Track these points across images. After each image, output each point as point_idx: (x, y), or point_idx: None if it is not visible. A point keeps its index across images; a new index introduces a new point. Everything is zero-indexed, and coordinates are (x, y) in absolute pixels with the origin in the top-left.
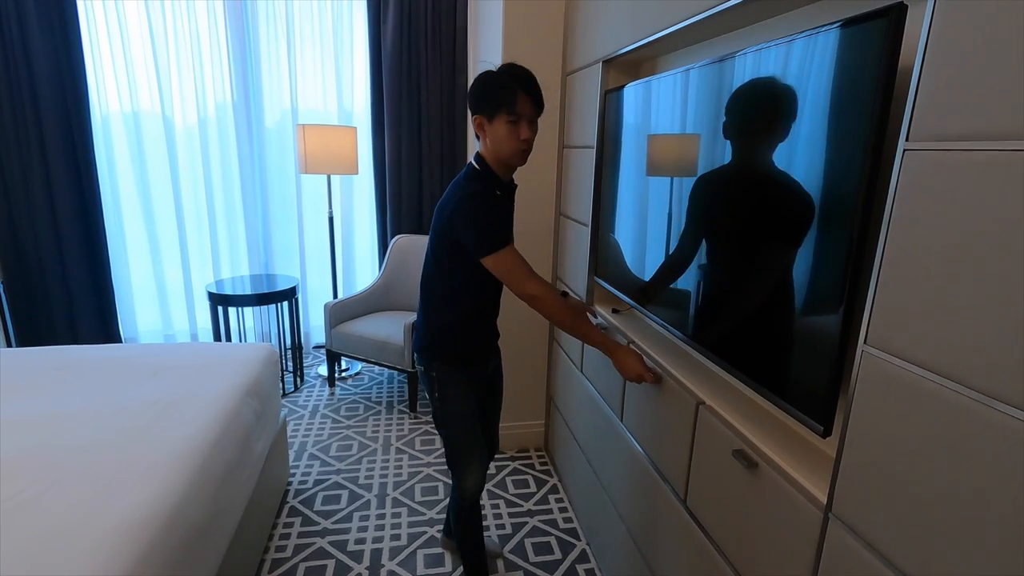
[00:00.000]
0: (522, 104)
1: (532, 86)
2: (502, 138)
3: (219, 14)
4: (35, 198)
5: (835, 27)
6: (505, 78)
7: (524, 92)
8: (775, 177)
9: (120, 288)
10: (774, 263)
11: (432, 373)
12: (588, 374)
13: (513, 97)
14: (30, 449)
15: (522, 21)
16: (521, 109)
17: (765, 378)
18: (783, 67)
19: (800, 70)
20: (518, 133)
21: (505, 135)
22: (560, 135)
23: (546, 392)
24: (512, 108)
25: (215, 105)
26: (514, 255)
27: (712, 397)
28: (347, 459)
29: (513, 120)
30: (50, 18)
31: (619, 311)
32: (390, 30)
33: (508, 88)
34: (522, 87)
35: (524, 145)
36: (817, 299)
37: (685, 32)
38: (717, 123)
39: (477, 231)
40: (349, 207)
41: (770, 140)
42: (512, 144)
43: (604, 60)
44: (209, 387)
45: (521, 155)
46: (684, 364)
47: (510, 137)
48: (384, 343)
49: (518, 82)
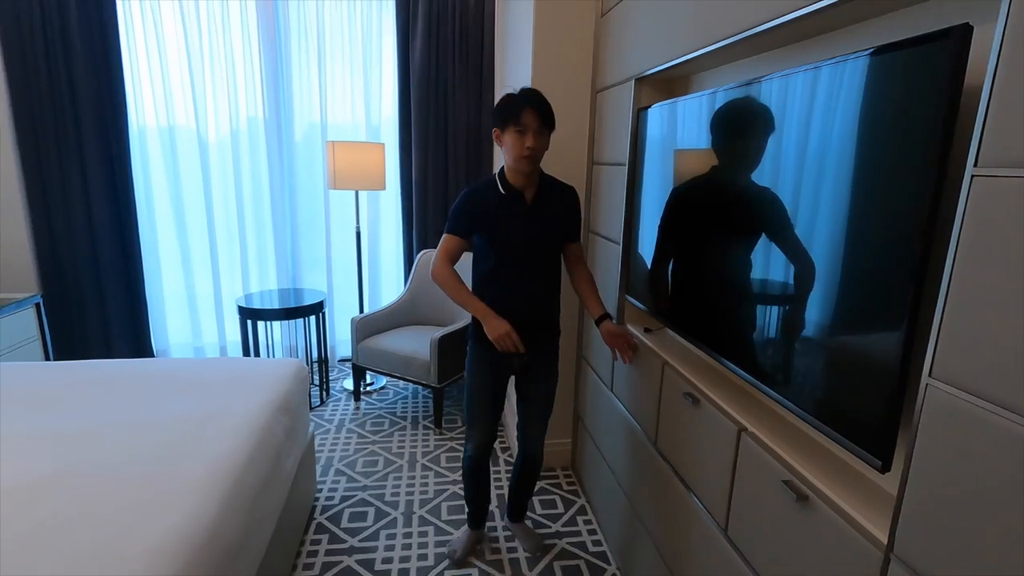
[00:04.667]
0: (527, 117)
1: (539, 103)
2: (511, 145)
3: (252, 32)
4: (74, 212)
5: (894, 49)
6: (517, 96)
7: (530, 107)
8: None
9: (152, 300)
10: (826, 287)
11: (468, 345)
12: (619, 393)
13: (520, 111)
14: (65, 468)
15: (552, 39)
16: (526, 121)
17: (817, 408)
18: (837, 88)
19: (855, 92)
20: (523, 142)
21: (512, 143)
22: (590, 152)
23: (573, 410)
24: (519, 120)
25: (247, 119)
26: (445, 241)
27: (755, 424)
28: (373, 475)
29: (520, 130)
30: (92, 36)
31: (651, 330)
32: (418, 46)
33: (517, 104)
34: (529, 104)
35: (528, 152)
36: (875, 327)
37: (723, 50)
38: (763, 143)
39: (450, 215)
40: (376, 221)
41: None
42: (518, 150)
43: (637, 78)
44: (240, 404)
45: (526, 160)
46: (723, 388)
47: (516, 145)
48: (410, 358)
49: (526, 99)
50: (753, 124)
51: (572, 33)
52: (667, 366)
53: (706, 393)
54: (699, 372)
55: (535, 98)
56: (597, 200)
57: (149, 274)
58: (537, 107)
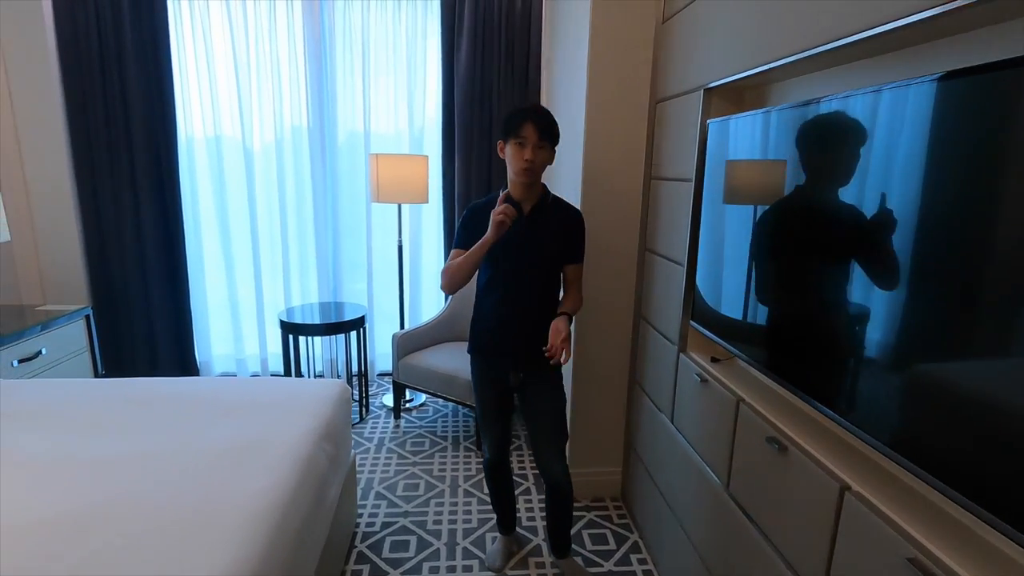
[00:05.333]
0: (527, 130)
1: (540, 117)
2: (511, 157)
3: (298, 43)
4: (124, 224)
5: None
6: (518, 111)
7: (531, 121)
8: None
9: (196, 311)
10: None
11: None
12: (681, 425)
13: (521, 124)
14: (105, 499)
15: (608, 48)
16: (526, 133)
17: (960, 480)
18: (965, 104)
19: (987, 108)
20: (523, 154)
21: (512, 154)
22: (647, 166)
23: (624, 437)
24: (519, 132)
25: (291, 128)
26: (452, 255)
27: (863, 482)
28: (414, 500)
29: (520, 143)
30: (145, 51)
31: (719, 360)
32: (463, 58)
33: (518, 117)
34: (530, 117)
35: (527, 164)
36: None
37: (810, 60)
38: (868, 159)
39: (456, 232)
40: (417, 234)
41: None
42: (516, 162)
43: (706, 88)
44: (284, 430)
45: (524, 172)
46: (817, 435)
47: (516, 157)
48: (452, 377)
49: (527, 113)
50: (858, 140)
51: (630, 41)
52: (743, 404)
53: (796, 441)
54: (785, 414)
55: (537, 112)
56: (655, 217)
57: (193, 285)
58: (538, 120)
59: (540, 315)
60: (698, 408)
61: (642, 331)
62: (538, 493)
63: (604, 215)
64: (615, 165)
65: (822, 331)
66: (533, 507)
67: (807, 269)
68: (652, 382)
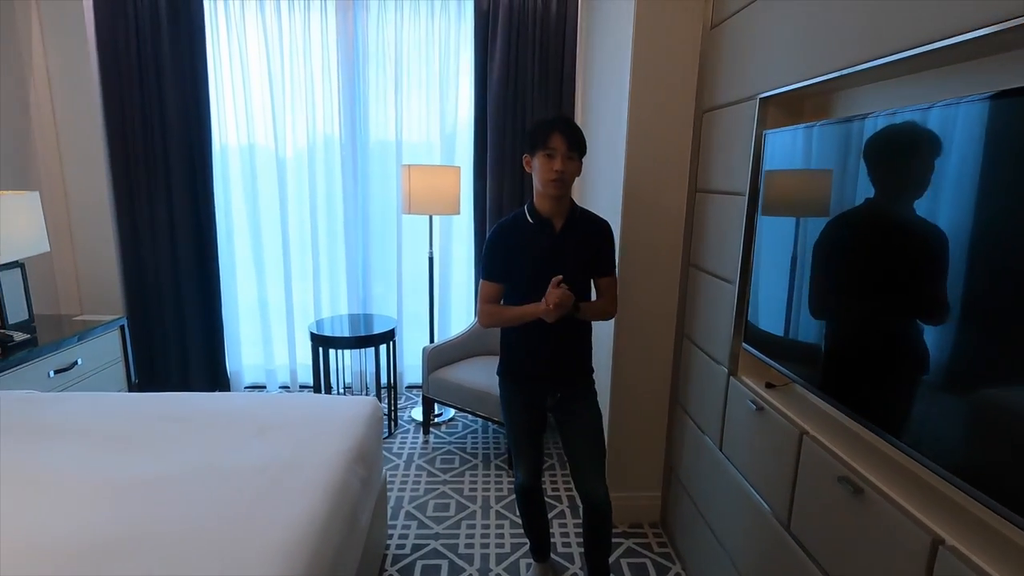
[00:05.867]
0: (555, 141)
1: (568, 127)
2: (539, 169)
3: (332, 54)
4: (159, 235)
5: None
6: (545, 122)
7: (559, 132)
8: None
9: (227, 321)
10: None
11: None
12: (732, 454)
13: (549, 135)
14: (134, 525)
15: (652, 56)
16: (555, 144)
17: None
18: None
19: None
20: (552, 165)
21: (540, 167)
22: (692, 178)
23: (664, 460)
24: (548, 143)
25: (323, 138)
26: (482, 288)
27: (957, 535)
28: (445, 521)
29: (549, 154)
30: (182, 64)
31: (774, 385)
32: (496, 68)
33: (546, 128)
34: (558, 127)
35: (556, 175)
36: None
37: (883, 67)
38: (958, 178)
39: (483, 258)
40: (447, 244)
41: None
42: (546, 174)
43: (762, 97)
44: (316, 452)
45: (554, 184)
46: (897, 475)
47: (545, 168)
48: (484, 393)
49: (555, 124)
50: (937, 152)
51: (675, 48)
52: (807, 437)
53: (874, 483)
54: (857, 450)
55: (565, 122)
56: (701, 231)
57: (224, 295)
58: (566, 131)
59: (574, 333)
60: (752, 437)
61: (685, 350)
62: (573, 517)
63: (645, 228)
64: (658, 177)
65: (904, 356)
66: (568, 532)
67: (885, 286)
68: (697, 404)
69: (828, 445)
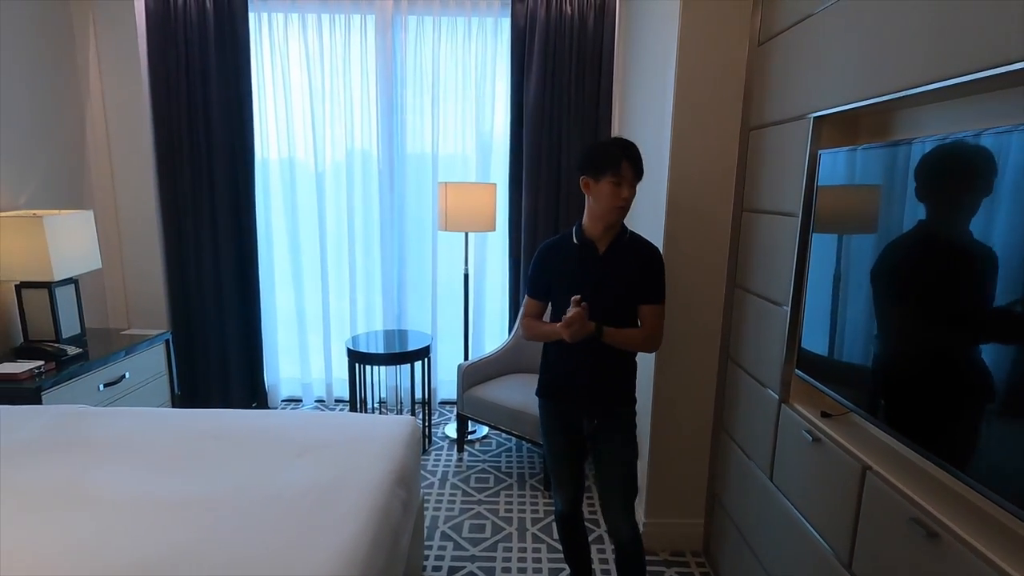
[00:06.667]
0: (625, 169)
1: (635, 155)
2: (606, 196)
3: (371, 75)
4: (203, 251)
5: None
6: (612, 147)
7: (627, 160)
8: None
9: (265, 334)
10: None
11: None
12: (783, 484)
13: (618, 163)
14: (180, 545)
15: (697, 74)
16: (624, 172)
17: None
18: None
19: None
20: (619, 193)
21: (608, 194)
22: (738, 197)
23: (707, 487)
24: (618, 171)
25: (360, 154)
26: (526, 304)
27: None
28: (481, 543)
29: (617, 182)
30: (228, 89)
31: (830, 415)
32: (532, 85)
33: (614, 155)
34: (625, 155)
35: (623, 203)
36: None
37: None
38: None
39: (528, 275)
40: (482, 260)
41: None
42: (613, 201)
43: (815, 116)
44: (358, 475)
45: (619, 211)
46: (975, 518)
47: (612, 196)
48: (519, 413)
49: (623, 151)
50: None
51: (720, 65)
52: (871, 473)
53: (952, 528)
54: (929, 489)
55: (632, 149)
56: (748, 251)
57: (264, 310)
58: (633, 158)
59: (615, 359)
60: (807, 469)
61: (731, 373)
62: (611, 542)
63: (689, 247)
64: (702, 196)
65: (974, 385)
66: (607, 557)
67: (956, 310)
68: (744, 431)
69: (895, 482)
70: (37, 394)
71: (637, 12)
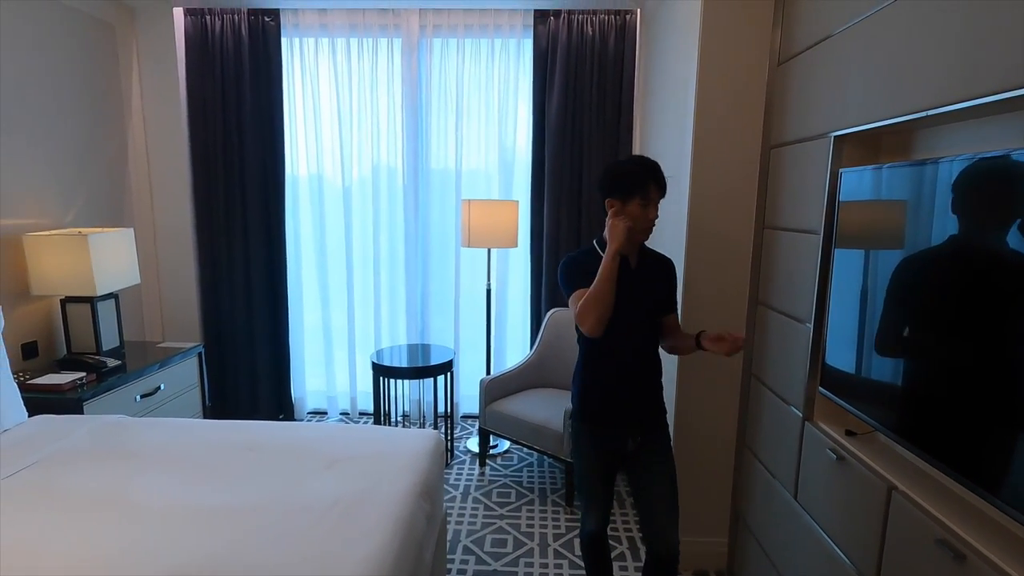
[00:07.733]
0: (653, 190)
1: (660, 175)
2: (635, 218)
3: (397, 95)
4: (235, 267)
5: None
6: (638, 168)
7: (653, 181)
8: None
9: (293, 348)
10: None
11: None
12: (808, 503)
13: (646, 185)
14: (213, 554)
15: (717, 93)
16: (652, 195)
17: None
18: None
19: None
20: (647, 214)
21: (637, 215)
22: (759, 214)
23: (731, 506)
24: (647, 193)
25: (386, 171)
26: (576, 295)
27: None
28: (503, 558)
29: (644, 204)
30: (261, 115)
31: (855, 433)
32: (554, 105)
33: (641, 177)
34: (651, 177)
35: (650, 224)
36: None
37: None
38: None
39: (563, 283)
40: (504, 275)
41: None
42: (643, 222)
43: (836, 135)
44: (383, 487)
45: (646, 232)
46: (1002, 539)
47: (641, 217)
48: (541, 428)
49: (648, 172)
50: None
51: (741, 84)
52: (897, 493)
53: (979, 550)
54: (955, 509)
55: (657, 171)
56: (770, 269)
57: (292, 322)
58: (659, 180)
59: (655, 373)
60: (833, 488)
61: (754, 390)
62: (634, 560)
63: (710, 265)
64: (723, 213)
65: (1003, 405)
66: (629, 575)
67: (986, 328)
68: (768, 449)
69: (921, 502)
70: (79, 404)
71: (657, 32)
